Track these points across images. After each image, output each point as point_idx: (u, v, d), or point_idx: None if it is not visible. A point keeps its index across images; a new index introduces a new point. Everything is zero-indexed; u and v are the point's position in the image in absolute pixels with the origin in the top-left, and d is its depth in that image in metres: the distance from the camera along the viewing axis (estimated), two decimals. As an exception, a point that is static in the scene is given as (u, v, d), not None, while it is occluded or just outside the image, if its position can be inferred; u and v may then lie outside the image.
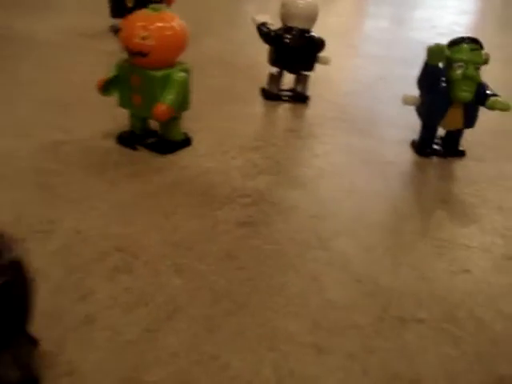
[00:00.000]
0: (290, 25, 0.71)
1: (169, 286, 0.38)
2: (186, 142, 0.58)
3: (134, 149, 0.56)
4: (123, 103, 0.56)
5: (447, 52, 0.56)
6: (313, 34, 0.71)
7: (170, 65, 0.53)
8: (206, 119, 0.66)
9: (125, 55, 0.54)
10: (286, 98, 0.74)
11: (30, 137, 0.58)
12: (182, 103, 0.55)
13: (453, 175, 0.57)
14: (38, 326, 0.34)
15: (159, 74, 0.52)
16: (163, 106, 0.52)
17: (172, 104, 0.52)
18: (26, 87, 0.71)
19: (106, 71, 0.55)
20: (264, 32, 0.72)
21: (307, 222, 0.47)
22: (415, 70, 0.89)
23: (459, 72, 0.55)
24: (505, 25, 1.46)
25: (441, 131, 0.61)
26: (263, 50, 0.74)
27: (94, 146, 0.57)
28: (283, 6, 0.71)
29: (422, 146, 0.61)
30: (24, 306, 0.28)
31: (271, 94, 0.74)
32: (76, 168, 0.53)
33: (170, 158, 0.56)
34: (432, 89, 0.58)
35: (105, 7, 0.93)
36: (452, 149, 0.61)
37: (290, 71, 0.74)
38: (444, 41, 0.57)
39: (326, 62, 0.72)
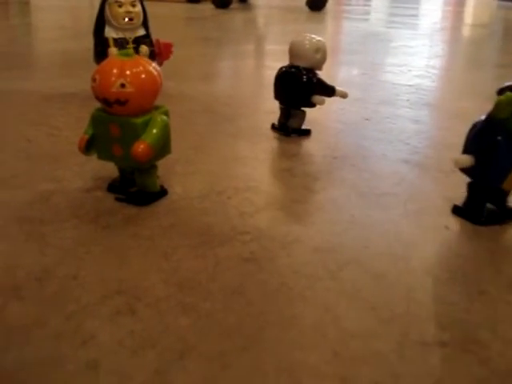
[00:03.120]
0: (292, 63, 0.74)
1: (175, 326, 0.36)
2: (162, 193, 0.55)
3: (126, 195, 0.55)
4: (103, 155, 0.53)
5: None
6: (312, 73, 0.73)
7: (149, 110, 0.52)
8: (197, 163, 0.65)
9: (98, 105, 0.52)
10: (277, 132, 0.78)
11: (18, 189, 0.56)
12: (163, 148, 0.53)
13: (454, 202, 0.56)
14: (39, 374, 0.32)
15: (140, 120, 0.50)
16: (143, 144, 0.49)
17: (153, 143, 0.50)
18: (12, 142, 0.70)
19: (85, 128, 0.53)
20: None
21: (312, 254, 0.45)
22: (398, 110, 0.90)
23: None
24: (473, 64, 1.49)
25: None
26: (244, 98, 0.75)
27: (85, 195, 0.55)
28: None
29: (476, 213, 0.53)
30: None
31: (274, 126, 0.78)
32: (67, 216, 0.51)
33: (164, 202, 0.54)
34: (496, 145, 0.49)
35: (85, 70, 0.93)
36: (502, 209, 0.53)
37: (282, 105, 0.77)
38: (424, 82, 0.57)
39: (318, 102, 0.73)
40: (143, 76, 0.50)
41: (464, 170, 0.52)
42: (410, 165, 0.66)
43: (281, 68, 0.75)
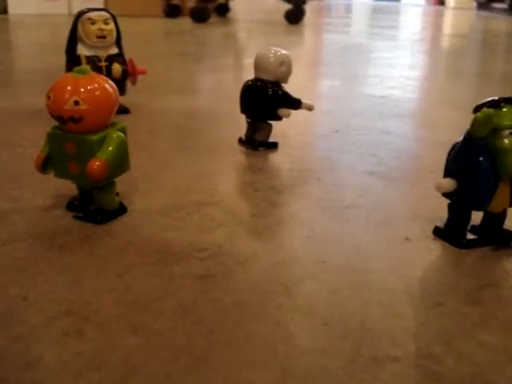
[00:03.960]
0: (257, 76, 0.74)
1: (123, 347, 0.35)
2: (121, 210, 0.55)
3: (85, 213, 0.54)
4: (60, 173, 0.53)
5: (496, 119, 0.45)
6: (277, 86, 0.73)
7: (105, 126, 0.51)
8: (161, 179, 0.64)
9: (55, 122, 0.51)
10: (244, 145, 0.77)
11: (-27, 209, 0.55)
12: (121, 165, 0.52)
13: (417, 213, 0.56)
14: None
15: (95, 137, 0.49)
16: (98, 161, 0.49)
17: (108, 160, 0.49)
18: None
19: (42, 146, 0.52)
20: None
21: (269, 270, 0.45)
22: (368, 122, 0.91)
23: (510, 141, 0.45)
24: (450, 74, 1.51)
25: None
26: (217, 112, 0.74)
27: (43, 214, 0.54)
28: None
29: (458, 236, 0.50)
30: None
31: (241, 140, 0.77)
32: (23, 236, 0.50)
33: (123, 219, 0.53)
34: (477, 166, 0.46)
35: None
36: (495, 233, 0.50)
37: (248, 118, 0.76)
38: (397, 93, 0.57)
39: (284, 114, 0.73)
40: (97, 93, 0.49)
41: (445, 194, 0.50)
42: (375, 176, 0.66)
43: (246, 82, 0.75)
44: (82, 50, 0.89)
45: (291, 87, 0.75)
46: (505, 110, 0.46)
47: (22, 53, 1.82)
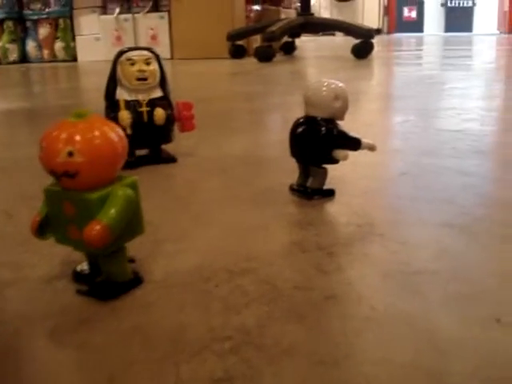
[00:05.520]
0: (308, 113, 0.63)
1: None
2: (134, 282, 0.44)
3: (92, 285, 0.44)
4: (60, 239, 0.43)
5: None
6: (332, 124, 0.62)
7: (109, 182, 0.41)
8: (193, 238, 0.54)
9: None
10: (296, 194, 0.65)
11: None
12: (130, 227, 0.42)
13: None
14: None
15: (95, 195, 0.40)
16: (98, 225, 0.39)
17: (111, 224, 0.39)
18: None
19: (39, 207, 0.44)
20: None
21: (310, 372, 0.33)
22: (442, 161, 0.78)
23: None
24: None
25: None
26: (268, 155, 0.64)
27: (43, 287, 0.45)
28: None
29: None
30: None
31: (292, 188, 0.66)
32: (11, 318, 0.41)
33: (135, 293, 0.43)
34: None
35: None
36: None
37: (299, 162, 0.65)
38: (474, 126, 0.45)
39: (340, 157, 0.61)
40: (97, 142, 0.40)
41: None
42: (454, 230, 0.53)
43: (296, 120, 0.64)
44: (122, 94, 0.80)
45: (356, 124, 0.64)
46: None
47: (87, 98, 1.80)
